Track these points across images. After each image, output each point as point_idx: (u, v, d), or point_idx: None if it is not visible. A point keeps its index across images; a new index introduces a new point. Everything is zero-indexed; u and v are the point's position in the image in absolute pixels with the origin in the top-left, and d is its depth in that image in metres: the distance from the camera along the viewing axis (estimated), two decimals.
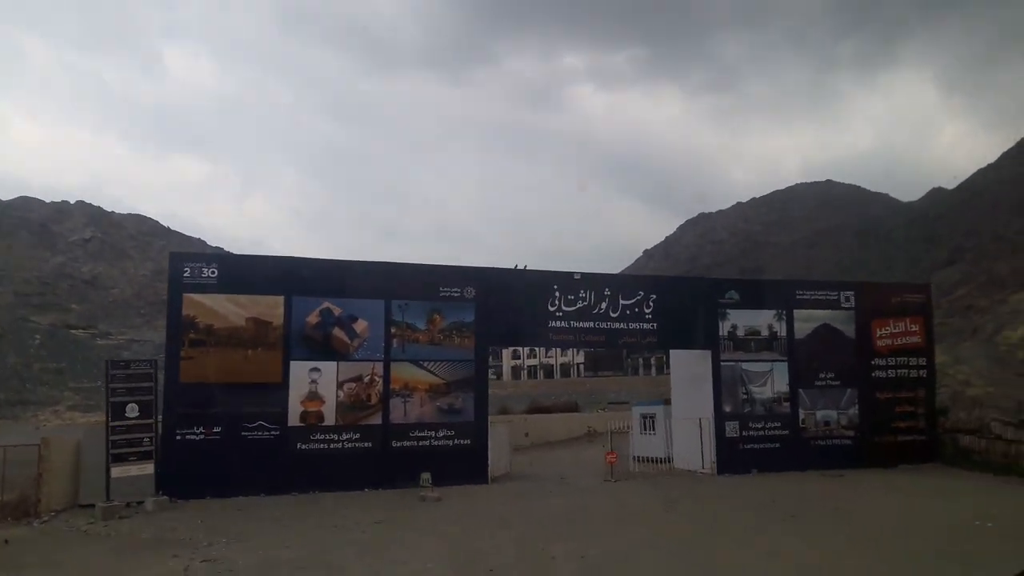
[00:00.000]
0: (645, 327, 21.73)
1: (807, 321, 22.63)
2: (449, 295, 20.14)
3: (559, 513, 15.13)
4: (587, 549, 11.37)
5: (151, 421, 16.96)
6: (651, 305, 21.72)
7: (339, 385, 18.80)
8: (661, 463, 23.49)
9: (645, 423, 26.29)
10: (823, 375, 22.41)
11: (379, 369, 19.18)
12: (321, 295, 19.14)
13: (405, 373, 19.36)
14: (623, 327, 21.60)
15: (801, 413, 22.04)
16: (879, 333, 23.02)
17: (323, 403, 18.59)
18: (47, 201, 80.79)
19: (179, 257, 19.48)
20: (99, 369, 18.10)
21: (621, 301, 21.59)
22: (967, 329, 43.95)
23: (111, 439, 16.31)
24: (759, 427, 21.67)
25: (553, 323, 21.04)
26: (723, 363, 21.80)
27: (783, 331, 22.41)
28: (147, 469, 16.67)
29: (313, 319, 18.96)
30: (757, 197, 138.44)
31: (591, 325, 21.31)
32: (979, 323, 44.29)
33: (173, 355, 17.91)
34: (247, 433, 17.90)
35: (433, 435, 19.20)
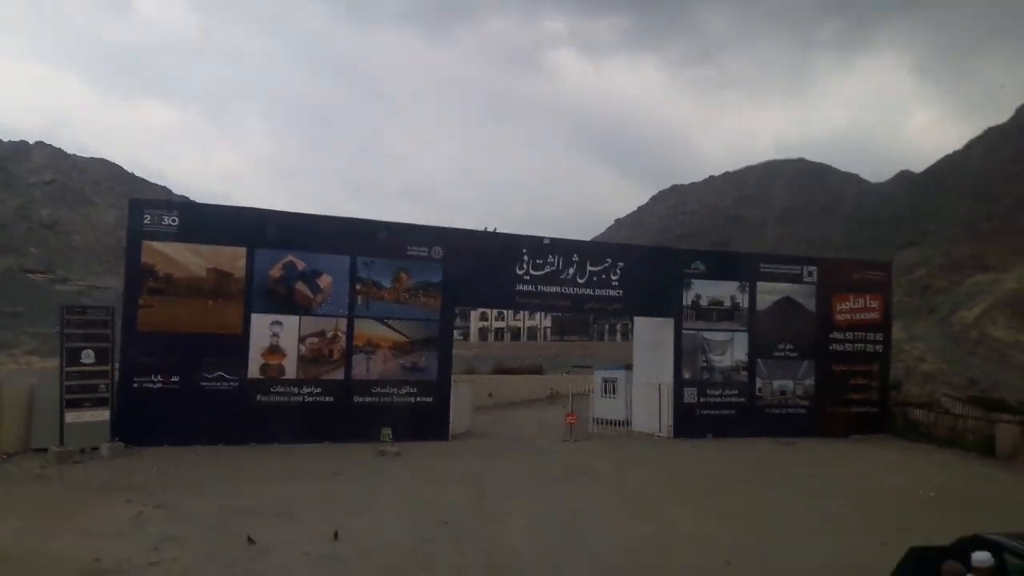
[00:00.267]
0: (611, 294, 21.88)
1: (769, 294, 22.98)
2: (416, 254, 20.03)
3: (516, 471, 15.35)
4: (541, 506, 11.59)
5: (107, 368, 16.74)
6: (618, 273, 21.86)
7: (301, 339, 18.69)
8: (620, 426, 23.88)
9: (606, 387, 26.63)
10: (782, 346, 22.85)
11: (342, 325, 19.09)
12: (285, 248, 18.89)
13: (369, 330, 19.30)
14: (590, 293, 21.73)
15: (758, 382, 22.51)
16: (839, 308, 23.48)
17: (284, 356, 18.49)
18: (4, 140, 77.92)
19: (139, 204, 19.06)
20: (57, 314, 17.73)
21: (589, 267, 21.69)
22: (924, 308, 45.04)
23: (65, 384, 16.10)
24: (716, 394, 22.11)
25: (520, 286, 21.08)
26: (685, 331, 22.11)
27: (745, 303, 22.75)
28: (102, 415, 16.51)
29: (276, 272, 18.74)
30: (730, 171, 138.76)
31: (558, 290, 21.41)
32: (936, 303, 45.40)
33: (131, 303, 17.62)
34: (206, 383, 17.76)
35: (395, 392, 19.24)
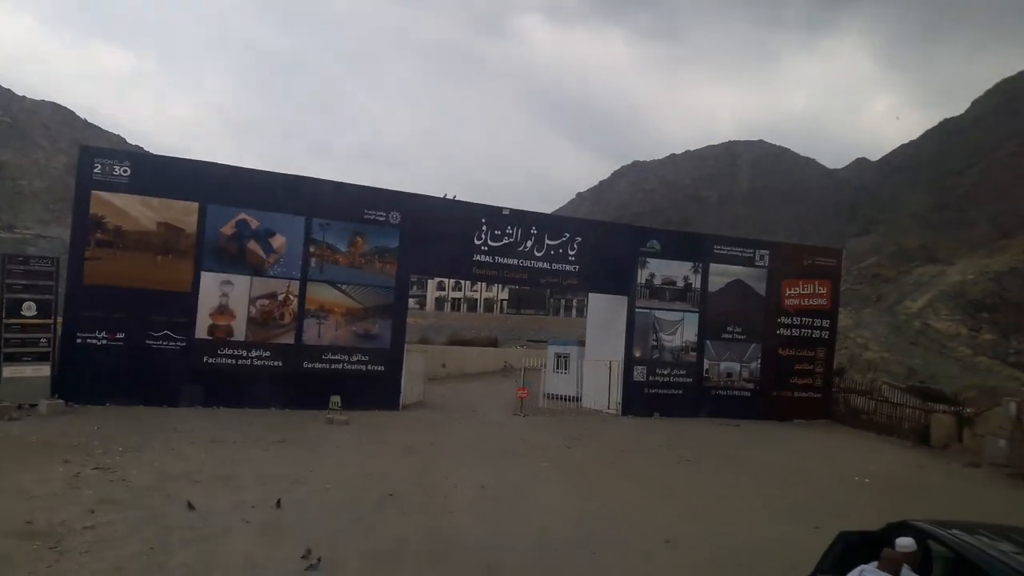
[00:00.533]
0: (568, 268, 21.93)
1: (721, 276, 23.31)
2: (374, 219, 19.74)
3: (465, 443, 15.40)
4: (487, 479, 11.64)
5: (49, 321, 16.22)
6: (575, 248, 21.89)
7: (251, 301, 18.35)
8: (571, 401, 24.13)
9: (559, 362, 26.87)
10: (730, 328, 23.26)
11: (295, 288, 18.79)
12: (239, 205, 18.43)
13: (322, 294, 19.03)
14: (546, 267, 21.74)
15: (706, 363, 22.91)
16: (788, 292, 23.96)
17: (233, 318, 18.14)
18: None
19: (90, 151, 18.34)
20: None
21: (547, 241, 21.67)
22: (872, 296, 46.37)
23: (4, 337, 15.58)
24: (665, 373, 22.44)
25: (478, 257, 20.98)
26: (638, 310, 22.34)
27: (697, 283, 23.04)
28: (43, 371, 16.04)
29: (228, 230, 18.30)
30: (691, 150, 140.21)
31: (515, 262, 21.37)
32: (884, 292, 46.77)
33: (77, 255, 17.04)
34: (152, 342, 17.35)
35: (346, 359, 19.06)
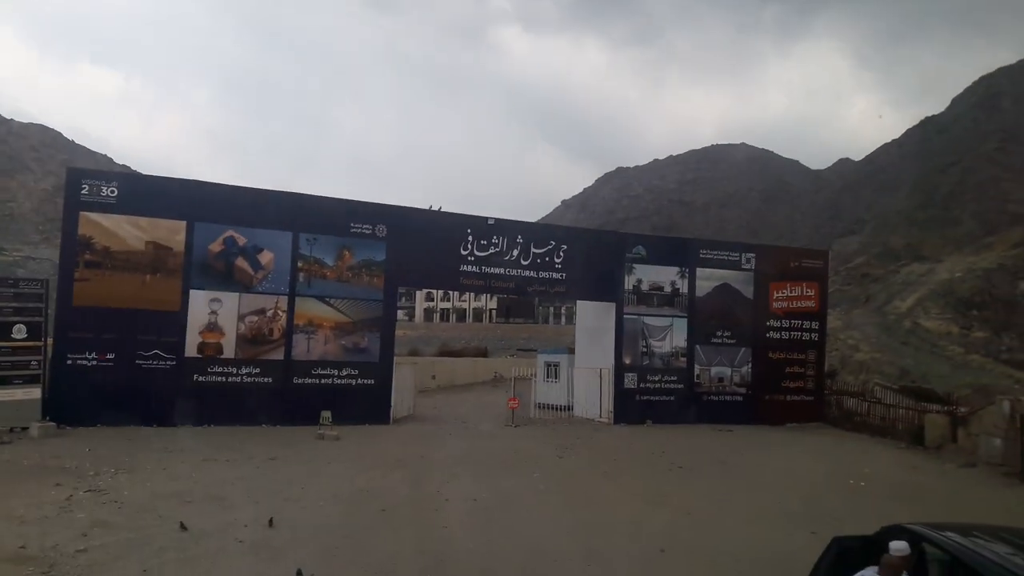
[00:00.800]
0: (555, 276, 22.00)
1: (709, 280, 23.43)
2: (360, 232, 19.76)
3: (457, 456, 15.35)
4: (480, 492, 11.61)
5: (40, 344, 16.13)
6: (561, 255, 21.97)
7: (240, 317, 18.31)
8: (561, 410, 24.11)
9: (549, 371, 26.86)
10: (720, 333, 23.35)
11: (283, 303, 18.76)
12: (226, 223, 18.44)
13: (310, 309, 19.01)
14: (533, 275, 21.81)
15: (696, 368, 22.98)
16: (776, 295, 24.08)
17: (223, 335, 18.09)
18: None
19: (77, 173, 18.31)
20: None
21: (533, 250, 21.73)
22: (861, 297, 46.71)
23: None
24: (656, 380, 22.48)
25: (464, 267, 21.02)
26: (626, 316, 22.40)
27: (685, 288, 23.14)
28: (33, 393, 15.93)
29: (216, 247, 18.28)
30: (675, 155, 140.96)
31: (502, 271, 21.43)
32: (872, 292, 47.12)
33: (67, 276, 17.00)
34: (142, 361, 17.30)
35: (336, 373, 19.02)
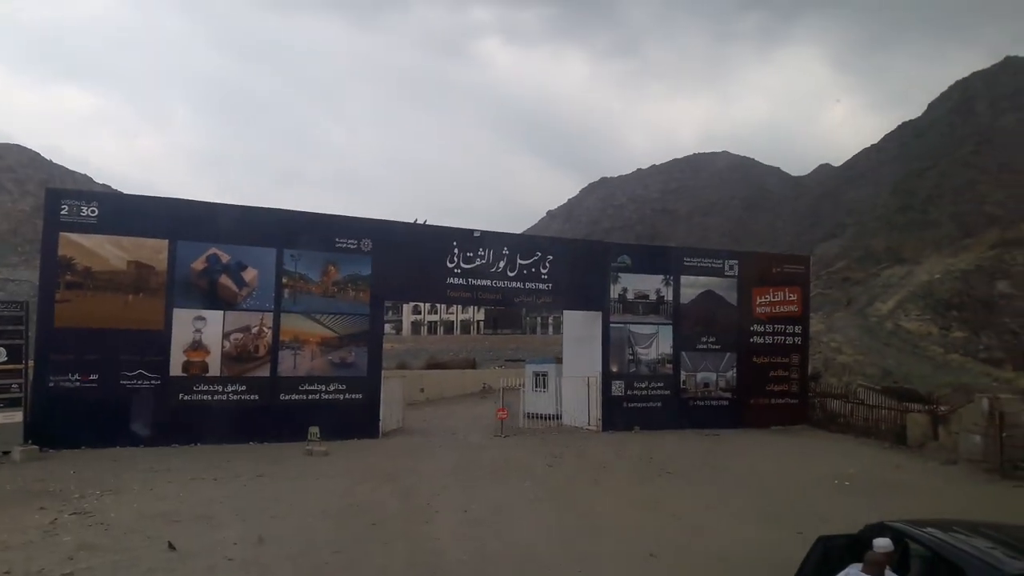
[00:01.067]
0: (541, 287, 22.09)
1: (693, 287, 23.61)
2: (345, 247, 19.77)
3: (447, 468, 15.35)
4: (471, 503, 11.62)
5: (21, 366, 15.96)
6: (547, 266, 22.08)
7: (225, 335, 18.23)
8: (551, 420, 24.15)
9: (537, 381, 26.89)
10: (705, 339, 23.52)
11: (268, 320, 18.70)
12: (209, 240, 18.38)
13: (296, 325, 18.96)
14: (520, 286, 21.89)
15: (683, 374, 23.12)
16: (759, 301, 24.29)
17: (208, 353, 18.00)
18: None
19: (56, 193, 18.24)
20: None
21: (519, 261, 21.83)
22: (843, 300, 47.14)
23: None
24: (643, 387, 22.60)
25: (451, 279, 21.07)
26: (612, 325, 22.52)
27: (670, 296, 23.31)
28: (15, 417, 15.74)
29: (199, 265, 18.22)
30: (657, 164, 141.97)
31: (489, 283, 21.49)
32: (854, 295, 47.58)
33: (47, 298, 16.87)
34: (126, 382, 17.17)
35: (323, 389, 18.97)
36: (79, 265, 17.03)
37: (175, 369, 17.65)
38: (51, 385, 16.54)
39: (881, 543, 5.39)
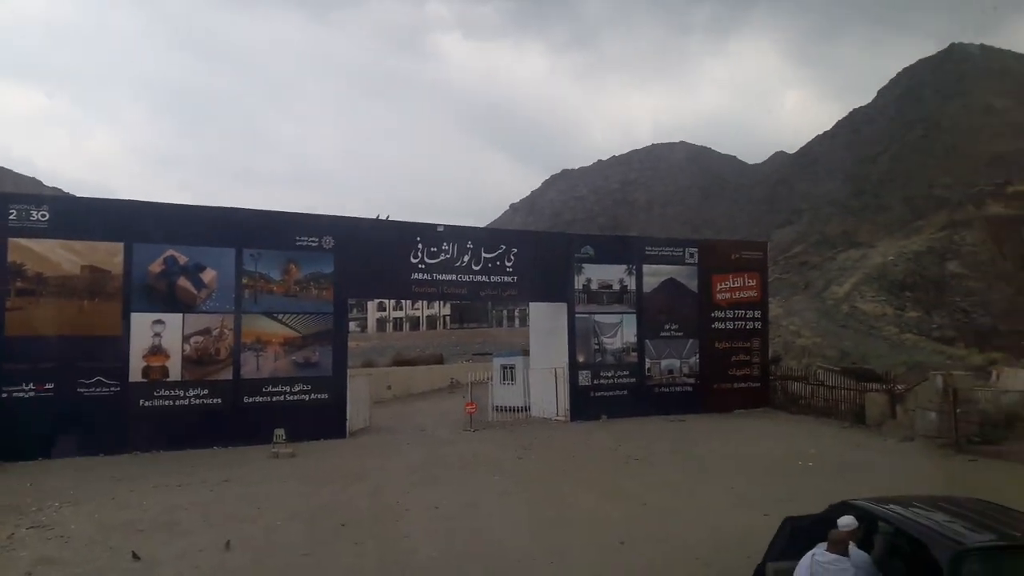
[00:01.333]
0: (506, 280, 22.09)
1: (655, 276, 23.83)
2: (306, 245, 19.50)
3: (416, 465, 15.31)
4: (440, 500, 11.61)
5: None
6: (512, 258, 22.08)
7: (185, 338, 17.87)
8: (519, 412, 24.21)
9: (505, 373, 26.93)
10: (668, 326, 23.78)
11: (229, 322, 18.38)
12: (165, 242, 17.96)
13: (258, 326, 18.67)
14: (485, 280, 21.86)
15: (647, 362, 23.35)
16: (719, 287, 24.62)
17: (168, 358, 17.63)
18: None
19: (4, 198, 17.56)
20: None
21: (483, 254, 21.79)
22: (800, 284, 48.05)
23: None
24: (609, 376, 22.78)
25: (415, 275, 20.93)
26: (577, 315, 22.64)
27: (633, 285, 23.50)
28: None
29: (156, 268, 17.82)
30: (617, 156, 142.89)
31: (454, 278, 21.40)
32: (811, 279, 48.54)
33: None
34: (84, 389, 16.72)
35: (288, 390, 18.72)
36: (30, 271, 16.53)
37: (134, 375, 17.26)
38: (4, 396, 16.05)
39: (845, 521, 5.53)
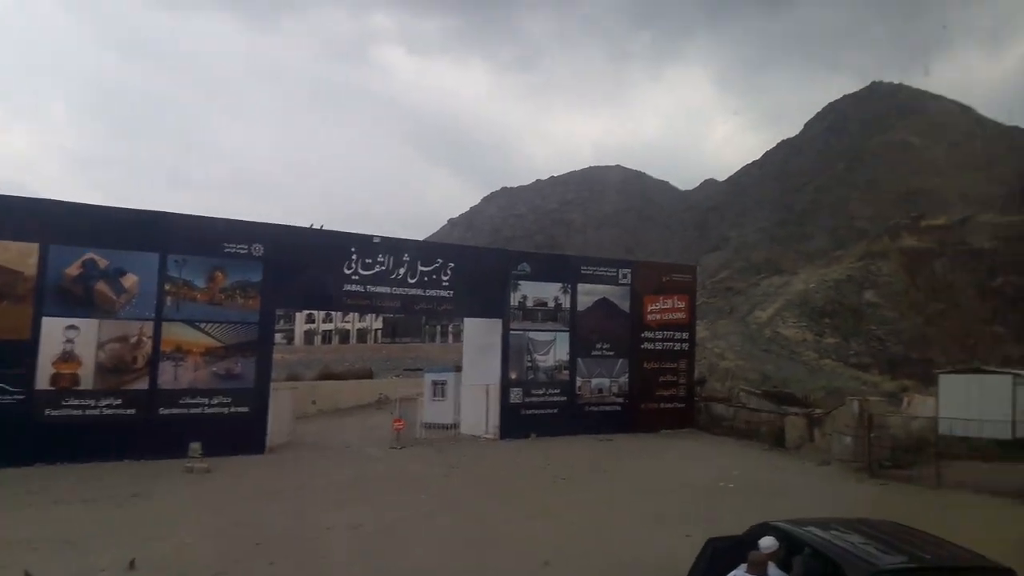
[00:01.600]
0: (442, 294, 21.89)
1: (589, 295, 24.04)
2: (235, 252, 18.89)
3: (339, 483, 14.92)
4: (363, 518, 11.32)
5: None
6: (449, 273, 21.89)
7: (100, 345, 17.02)
8: (449, 429, 23.95)
9: (436, 390, 26.61)
10: (599, 345, 23.99)
11: (149, 329, 17.61)
12: (85, 244, 17.13)
13: (179, 334, 17.95)
14: (420, 294, 21.60)
15: (578, 380, 23.48)
16: (650, 308, 25.02)
17: (79, 365, 16.75)
18: None
19: None
20: None
21: (420, 268, 21.55)
22: (726, 308, 49.30)
23: None
24: (540, 393, 22.79)
25: (348, 287, 20.52)
26: (512, 332, 22.61)
27: (567, 303, 23.64)
28: None
29: (74, 271, 16.96)
30: (556, 176, 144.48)
31: (388, 290, 21.07)
32: (736, 303, 49.88)
33: None
34: None
35: (207, 402, 17.99)
36: None
37: (42, 382, 16.33)
38: None
39: (767, 542, 5.61)
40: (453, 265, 22.08)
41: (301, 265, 19.70)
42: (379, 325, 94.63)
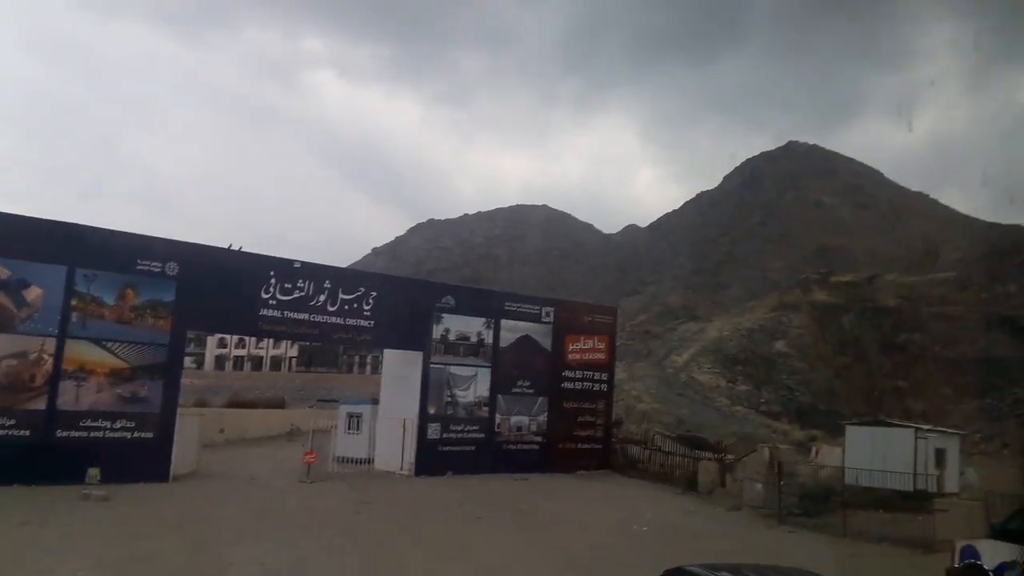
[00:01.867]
0: (362, 324, 21.53)
1: (512, 331, 24.13)
2: (148, 269, 18.15)
3: (244, 516, 14.35)
4: (267, 555, 10.89)
5: None
6: (371, 302, 21.58)
7: None
8: (362, 464, 23.38)
9: (351, 422, 25.96)
10: (520, 383, 24.05)
11: (50, 346, 16.66)
12: None
13: (83, 353, 17.03)
14: (340, 322, 21.18)
15: (498, 418, 23.42)
16: (571, 347, 25.32)
17: None
18: None
19: None
20: None
21: (341, 295, 21.17)
22: (643, 351, 50.38)
23: None
24: (459, 429, 22.58)
25: (265, 311, 19.95)
26: (432, 365, 22.40)
27: (490, 339, 23.65)
28: None
29: None
30: (483, 211, 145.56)
31: (307, 317, 20.60)
32: (653, 347, 51.06)
33: None
34: None
35: (108, 425, 17.05)
36: None
37: None
38: None
39: None
40: (376, 294, 21.79)
41: (217, 287, 19.09)
42: (294, 353, 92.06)
